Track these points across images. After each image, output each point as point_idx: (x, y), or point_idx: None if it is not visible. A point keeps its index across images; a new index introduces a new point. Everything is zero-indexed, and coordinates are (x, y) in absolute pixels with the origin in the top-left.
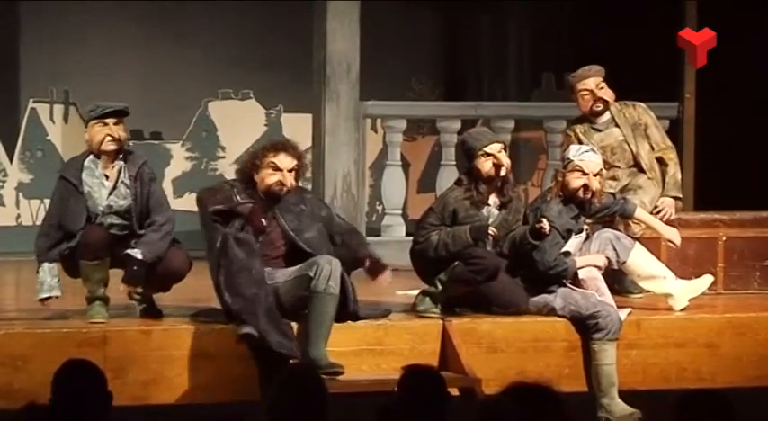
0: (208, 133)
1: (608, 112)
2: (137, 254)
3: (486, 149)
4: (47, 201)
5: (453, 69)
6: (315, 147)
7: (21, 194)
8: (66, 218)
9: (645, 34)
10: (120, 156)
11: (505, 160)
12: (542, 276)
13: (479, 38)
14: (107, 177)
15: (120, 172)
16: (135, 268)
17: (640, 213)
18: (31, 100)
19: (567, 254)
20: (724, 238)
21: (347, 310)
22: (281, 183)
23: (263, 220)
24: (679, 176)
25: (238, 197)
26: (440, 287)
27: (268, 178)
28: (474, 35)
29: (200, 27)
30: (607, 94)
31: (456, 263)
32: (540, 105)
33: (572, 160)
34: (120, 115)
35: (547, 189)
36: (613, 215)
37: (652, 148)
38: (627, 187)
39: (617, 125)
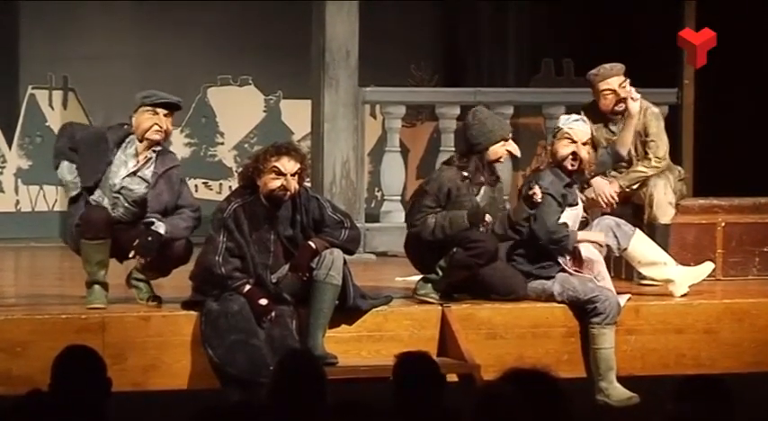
0: (207, 119)
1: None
2: (159, 227)
3: (506, 137)
4: (46, 188)
5: (452, 55)
6: (314, 133)
7: (20, 181)
8: (88, 155)
9: (644, 18)
10: (156, 149)
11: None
12: (542, 248)
13: (478, 24)
14: (136, 158)
15: (147, 162)
16: (150, 239)
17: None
18: (30, 86)
19: (565, 226)
20: (723, 224)
21: (348, 304)
22: (284, 188)
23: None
24: (638, 175)
25: (237, 272)
26: (440, 274)
27: (271, 183)
28: (473, 21)
29: (199, 13)
30: (630, 93)
31: (455, 249)
32: (538, 91)
33: (561, 128)
34: (172, 108)
35: (540, 162)
36: (613, 164)
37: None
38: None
39: None
